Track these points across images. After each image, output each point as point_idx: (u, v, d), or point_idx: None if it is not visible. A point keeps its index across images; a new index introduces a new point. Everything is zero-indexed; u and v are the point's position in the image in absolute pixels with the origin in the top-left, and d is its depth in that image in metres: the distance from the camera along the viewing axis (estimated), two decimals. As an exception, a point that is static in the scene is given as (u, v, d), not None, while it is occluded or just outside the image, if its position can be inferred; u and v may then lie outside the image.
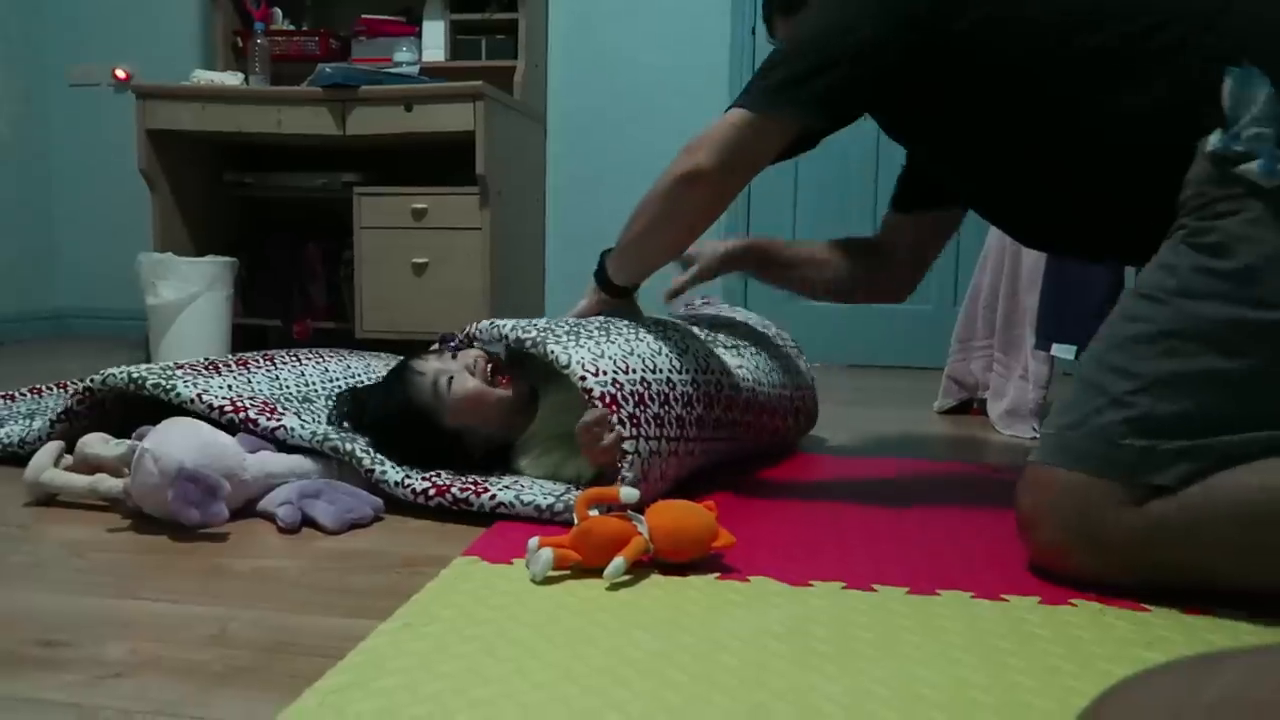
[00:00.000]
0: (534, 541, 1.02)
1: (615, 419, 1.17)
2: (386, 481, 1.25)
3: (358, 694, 0.74)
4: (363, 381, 1.64)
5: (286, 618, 0.91)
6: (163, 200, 3.00)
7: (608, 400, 1.18)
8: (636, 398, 1.21)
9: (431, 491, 1.23)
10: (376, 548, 1.13)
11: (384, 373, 1.58)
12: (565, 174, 3.37)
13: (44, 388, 1.89)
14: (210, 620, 0.90)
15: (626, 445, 1.17)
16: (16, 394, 1.84)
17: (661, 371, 1.27)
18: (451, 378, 1.32)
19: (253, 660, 0.82)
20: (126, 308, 3.45)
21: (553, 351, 1.24)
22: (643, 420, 1.20)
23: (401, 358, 1.51)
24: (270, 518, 1.20)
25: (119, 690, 0.76)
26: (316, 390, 1.60)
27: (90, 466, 1.27)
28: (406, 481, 1.25)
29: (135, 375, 1.38)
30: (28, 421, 1.58)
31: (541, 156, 3.36)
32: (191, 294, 2.67)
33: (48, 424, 1.44)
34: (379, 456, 1.28)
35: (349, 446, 1.27)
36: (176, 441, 1.14)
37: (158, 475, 1.11)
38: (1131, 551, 0.95)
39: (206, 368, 1.49)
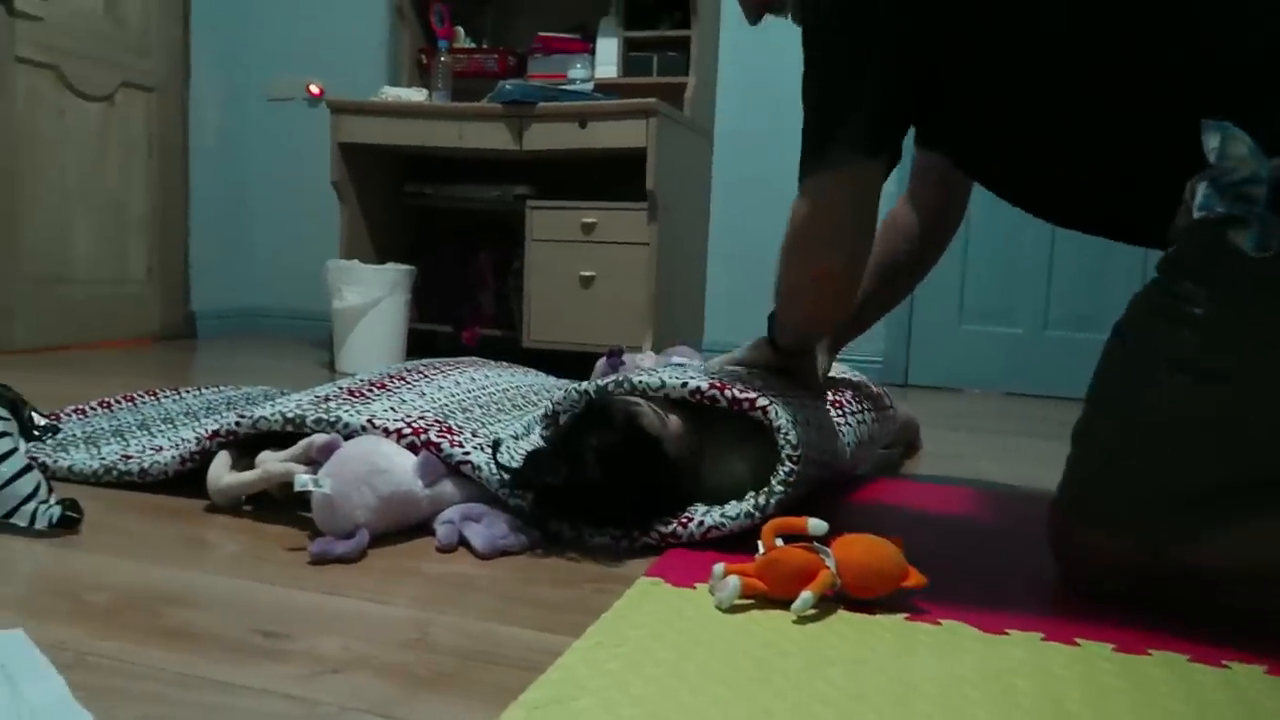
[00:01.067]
0: (719, 568, 1.01)
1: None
2: (602, 535, 1.21)
3: (559, 711, 0.75)
4: (494, 395, 1.65)
5: (482, 625, 0.94)
6: (350, 210, 3.17)
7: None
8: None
9: (635, 534, 1.21)
10: (557, 561, 1.16)
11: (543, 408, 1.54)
12: (729, 191, 3.36)
13: (114, 401, 1.87)
14: (411, 623, 0.94)
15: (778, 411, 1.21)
16: (87, 408, 1.82)
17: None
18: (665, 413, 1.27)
19: (455, 666, 0.84)
20: (310, 308, 3.68)
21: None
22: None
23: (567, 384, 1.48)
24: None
25: (334, 686, 0.80)
26: (466, 401, 1.57)
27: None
28: (614, 533, 1.21)
29: (292, 415, 1.32)
30: (94, 449, 1.52)
31: (707, 173, 3.37)
32: (374, 299, 2.81)
33: (177, 459, 1.37)
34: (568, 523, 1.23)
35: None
36: (353, 494, 1.15)
37: (333, 522, 1.15)
38: (1143, 586, 1.05)
39: (351, 393, 1.44)
